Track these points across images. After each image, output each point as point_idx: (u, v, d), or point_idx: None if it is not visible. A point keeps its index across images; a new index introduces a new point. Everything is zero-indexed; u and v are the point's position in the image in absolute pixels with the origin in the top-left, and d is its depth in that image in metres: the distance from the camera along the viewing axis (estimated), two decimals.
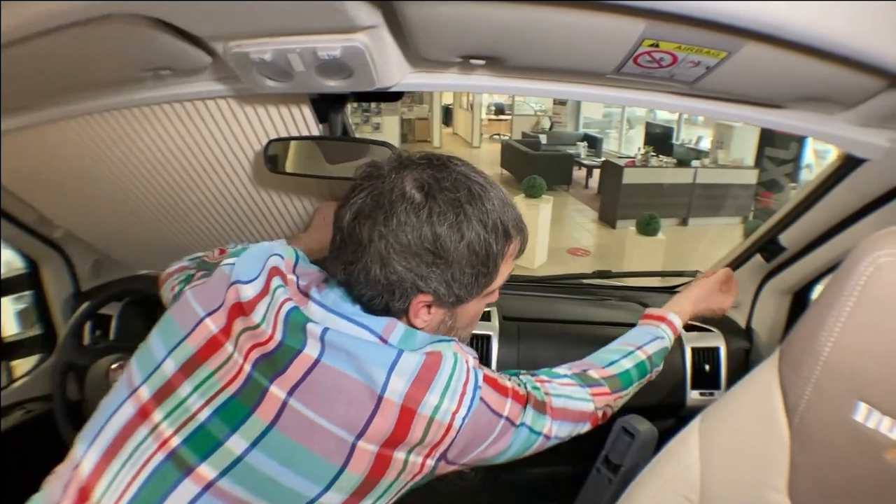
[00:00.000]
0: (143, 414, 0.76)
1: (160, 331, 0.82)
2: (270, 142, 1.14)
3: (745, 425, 0.87)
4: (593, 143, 11.58)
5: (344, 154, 1.16)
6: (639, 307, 1.83)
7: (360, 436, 0.71)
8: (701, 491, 0.89)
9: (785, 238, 1.37)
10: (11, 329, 1.85)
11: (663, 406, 1.53)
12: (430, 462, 0.77)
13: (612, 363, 1.05)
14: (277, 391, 0.72)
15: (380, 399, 0.72)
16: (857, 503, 0.76)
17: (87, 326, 1.67)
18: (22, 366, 1.74)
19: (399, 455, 0.74)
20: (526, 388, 0.89)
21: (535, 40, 0.85)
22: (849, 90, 0.88)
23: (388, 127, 12.18)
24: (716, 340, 1.56)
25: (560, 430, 0.92)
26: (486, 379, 0.82)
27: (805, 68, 0.80)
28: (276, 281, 0.80)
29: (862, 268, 0.67)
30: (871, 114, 0.97)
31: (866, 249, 0.68)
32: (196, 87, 1.11)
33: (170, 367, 0.77)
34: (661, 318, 1.18)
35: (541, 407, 0.89)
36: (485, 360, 1.51)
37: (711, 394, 1.53)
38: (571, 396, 0.94)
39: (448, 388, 0.75)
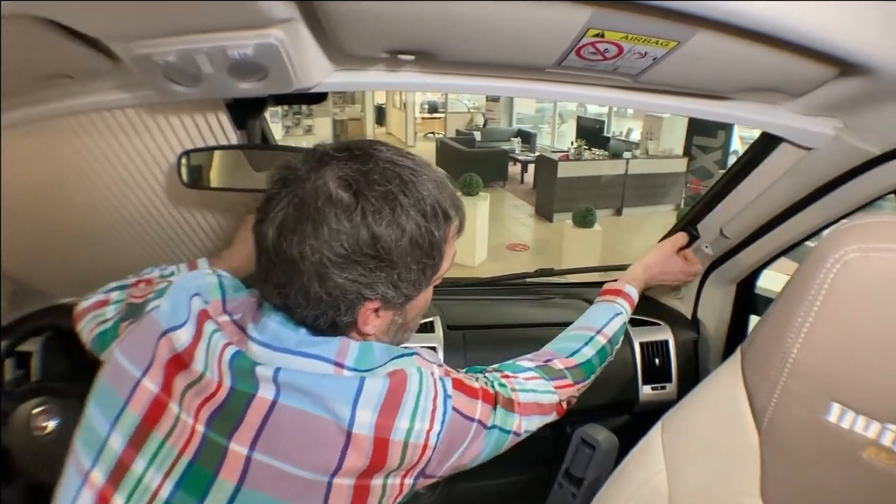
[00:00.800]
0: (102, 502, 0.70)
1: (96, 401, 0.76)
2: (183, 153, 1.06)
3: (710, 431, 0.85)
4: (527, 138, 11.94)
5: (267, 163, 1.07)
6: (583, 304, 1.82)
7: (334, 474, 0.69)
8: (670, 500, 0.87)
9: (728, 229, 1.36)
10: None
11: (616, 404, 1.52)
12: (409, 481, 0.76)
13: (574, 352, 1.05)
14: (238, 448, 0.68)
15: (349, 435, 0.69)
16: (830, 499, 0.75)
17: (7, 365, 1.53)
18: None
19: (377, 482, 0.72)
20: (493, 386, 0.87)
21: (469, 32, 0.80)
22: (799, 79, 0.88)
23: (320, 128, 12.12)
24: (664, 333, 1.56)
25: (529, 425, 0.92)
26: (456, 384, 0.80)
27: (757, 57, 0.79)
28: (209, 325, 0.75)
29: (829, 265, 0.65)
30: (817, 103, 0.98)
31: (831, 245, 0.66)
32: (100, 97, 1.02)
33: (117, 443, 0.71)
34: (618, 293, 1.20)
35: (509, 405, 0.88)
36: None
37: (663, 387, 1.53)
38: (537, 390, 0.94)
39: (417, 409, 0.73)
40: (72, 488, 0.73)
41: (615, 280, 1.27)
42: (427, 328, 1.50)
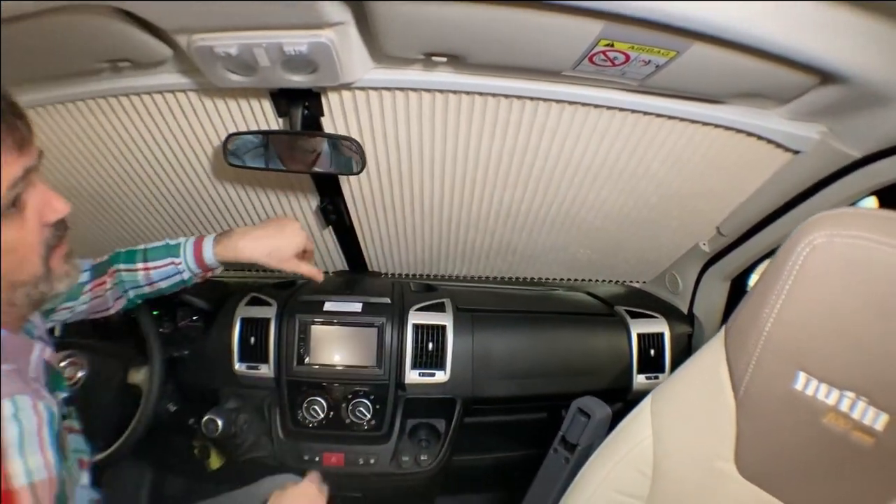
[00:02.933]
0: None
1: None
2: (230, 135, 1.14)
3: (693, 400, 0.91)
4: None
5: (303, 147, 1.17)
6: (585, 296, 1.91)
7: None
8: (654, 465, 0.94)
9: (724, 227, 1.45)
10: None
11: (611, 390, 1.59)
12: None
13: None
14: None
15: None
16: (796, 466, 0.81)
17: None
18: None
19: None
20: None
21: (497, 39, 0.88)
22: (785, 86, 0.95)
23: None
24: (660, 326, 1.64)
25: None
26: None
27: (746, 66, 0.86)
28: None
29: (800, 249, 0.73)
30: (803, 109, 1.05)
31: (803, 232, 0.74)
32: (154, 80, 1.10)
33: None
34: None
35: None
36: (440, 349, 1.55)
37: (656, 377, 1.61)
38: None
39: None
40: None
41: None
42: (438, 308, 1.58)
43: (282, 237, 1.13)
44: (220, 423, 1.36)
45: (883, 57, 0.83)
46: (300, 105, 1.12)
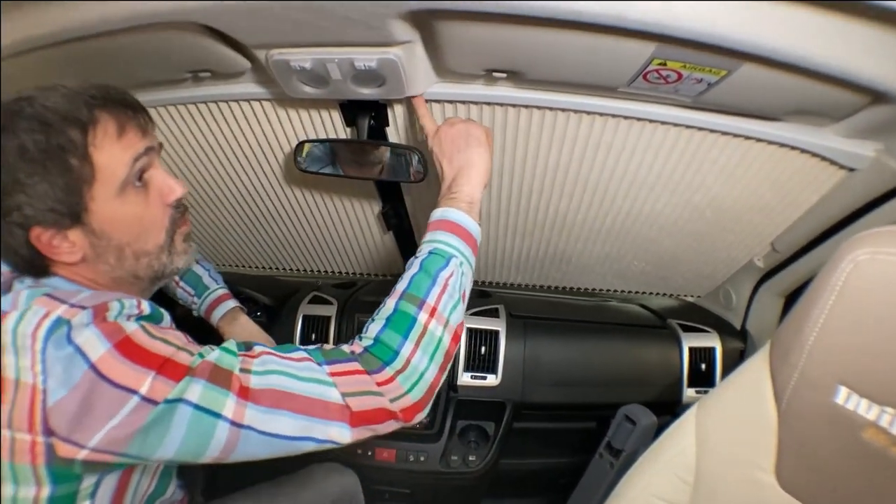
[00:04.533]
0: None
1: None
2: (301, 143, 1.21)
3: (737, 411, 0.92)
4: None
5: (368, 155, 1.23)
6: (638, 308, 1.92)
7: None
8: (696, 472, 0.95)
9: (779, 243, 1.44)
10: None
11: (660, 402, 1.59)
12: (41, 439, 0.66)
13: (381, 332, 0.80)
14: None
15: None
16: (835, 481, 0.81)
17: None
18: None
19: (6, 433, 0.66)
20: (202, 357, 0.72)
21: (554, 57, 0.92)
22: (836, 105, 0.96)
23: None
24: (712, 341, 1.64)
25: (268, 421, 0.71)
26: (121, 344, 0.68)
27: (796, 85, 0.87)
28: None
29: (843, 265, 0.74)
30: (857, 126, 1.05)
31: (847, 249, 0.75)
32: (232, 89, 1.18)
33: None
34: (442, 224, 0.91)
35: (223, 380, 0.70)
36: (492, 353, 1.58)
37: (706, 391, 1.58)
38: (289, 373, 0.73)
39: (20, 352, 0.66)
40: None
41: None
42: (492, 314, 1.62)
43: None
44: None
45: None
46: (367, 115, 1.18)
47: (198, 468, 1.30)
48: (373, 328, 0.81)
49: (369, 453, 1.56)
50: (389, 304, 0.83)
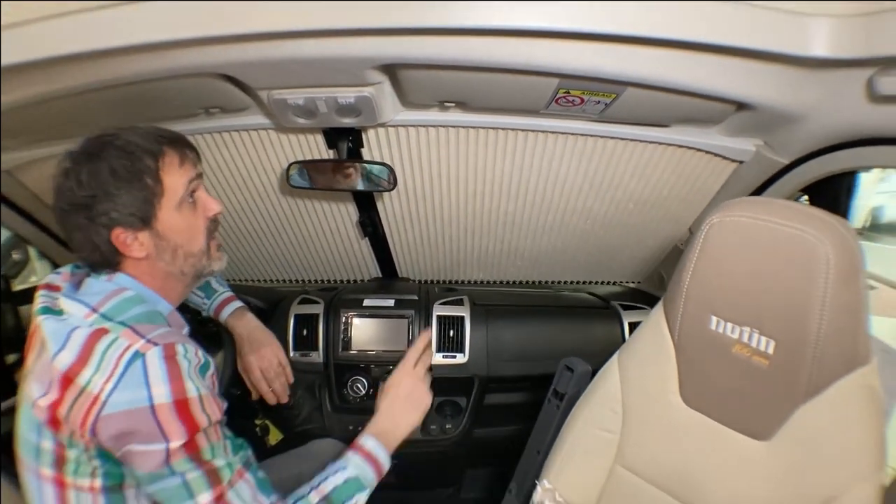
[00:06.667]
0: (60, 485, 0.92)
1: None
2: (292, 163, 1.41)
3: (646, 351, 1.09)
4: None
5: (347, 171, 1.43)
6: (586, 295, 2.12)
7: (43, 391, 0.86)
8: (623, 404, 1.12)
9: (695, 227, 1.65)
10: None
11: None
12: (88, 435, 0.84)
13: None
14: None
15: (53, 363, 0.85)
16: (720, 391, 0.96)
17: None
18: None
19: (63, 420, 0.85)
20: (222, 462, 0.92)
21: (488, 91, 1.14)
22: (710, 113, 1.15)
23: None
24: (646, 315, 1.85)
25: None
26: (176, 398, 0.85)
27: (673, 100, 1.07)
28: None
29: (703, 228, 0.93)
30: (735, 127, 1.23)
31: (707, 217, 0.93)
32: (236, 121, 1.37)
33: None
34: (354, 448, 1.12)
35: (214, 479, 0.90)
36: (460, 336, 1.78)
37: None
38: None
39: (101, 368, 0.83)
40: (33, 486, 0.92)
41: None
42: (458, 303, 1.82)
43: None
44: None
45: (777, 89, 1.01)
46: (346, 139, 1.38)
47: None
48: None
49: (360, 428, 1.64)
50: (313, 499, 1.03)
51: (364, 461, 1.10)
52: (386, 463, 1.13)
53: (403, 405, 1.22)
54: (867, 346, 0.88)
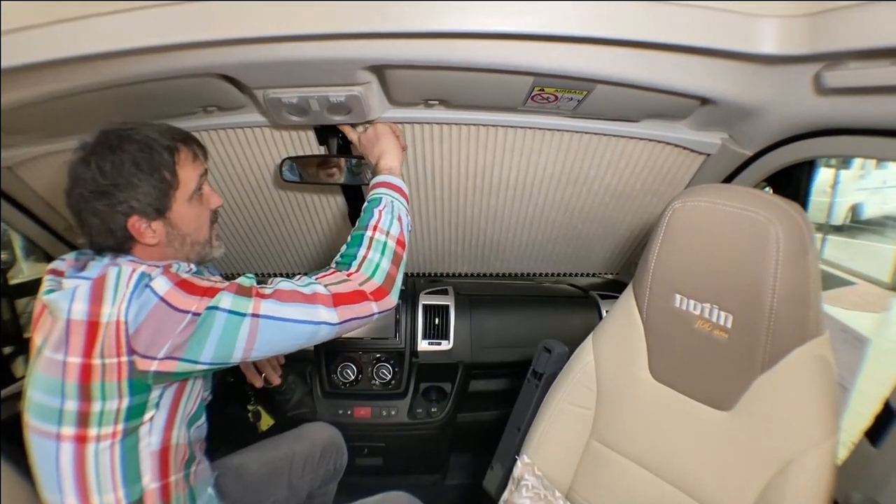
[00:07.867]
0: (81, 440, 0.97)
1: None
2: (284, 159, 1.46)
3: (618, 330, 1.15)
4: None
5: (336, 166, 1.49)
6: (567, 287, 2.21)
7: (65, 353, 0.91)
8: (597, 381, 1.18)
9: None
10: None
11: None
12: (124, 359, 0.91)
13: (344, 255, 1.11)
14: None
15: (67, 322, 0.91)
16: (685, 364, 1.02)
17: None
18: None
19: (96, 361, 0.91)
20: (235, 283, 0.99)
21: (469, 90, 1.20)
22: (676, 108, 1.21)
23: None
24: None
25: (276, 308, 0.96)
26: (179, 283, 0.93)
27: (640, 96, 1.12)
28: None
29: (667, 213, 1.00)
30: (701, 121, 1.29)
31: (670, 203, 1.00)
32: (233, 119, 1.41)
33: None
34: (376, 187, 1.21)
35: (244, 291, 0.97)
36: (445, 324, 1.86)
37: None
38: (292, 282, 1.02)
39: (117, 295, 0.90)
40: (48, 450, 0.96)
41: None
42: (443, 293, 1.90)
43: None
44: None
45: (734, 84, 1.06)
46: (336, 136, 1.43)
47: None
48: (340, 252, 1.12)
49: (349, 412, 1.81)
50: (369, 234, 1.12)
51: (390, 191, 1.20)
52: (406, 190, 1.23)
53: (389, 140, 1.30)
54: (819, 319, 0.94)
